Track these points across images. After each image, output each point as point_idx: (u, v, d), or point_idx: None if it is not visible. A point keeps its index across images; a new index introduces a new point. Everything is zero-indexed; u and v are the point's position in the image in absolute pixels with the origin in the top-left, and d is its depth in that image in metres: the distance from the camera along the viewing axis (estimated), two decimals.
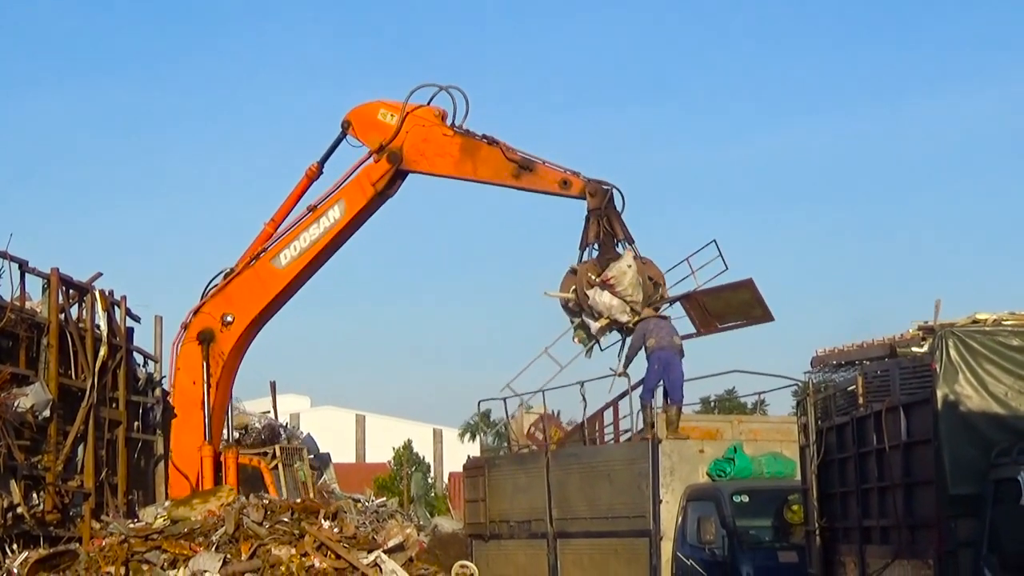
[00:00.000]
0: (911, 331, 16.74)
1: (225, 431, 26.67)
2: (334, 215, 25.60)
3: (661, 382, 23.81)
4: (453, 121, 25.58)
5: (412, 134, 25.65)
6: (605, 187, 25.29)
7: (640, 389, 24.30)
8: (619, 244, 25.30)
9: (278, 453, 29.02)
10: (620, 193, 25.42)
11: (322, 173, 25.99)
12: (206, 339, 25.29)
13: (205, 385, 25.22)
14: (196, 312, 25.62)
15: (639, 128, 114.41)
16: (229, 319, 25.43)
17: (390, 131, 25.56)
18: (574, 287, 25.03)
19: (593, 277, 24.72)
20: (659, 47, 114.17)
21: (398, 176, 25.99)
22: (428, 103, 25.71)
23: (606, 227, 25.21)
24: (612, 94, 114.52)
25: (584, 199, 25.27)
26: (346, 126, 25.90)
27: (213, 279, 25.83)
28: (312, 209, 25.68)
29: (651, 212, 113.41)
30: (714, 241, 24.86)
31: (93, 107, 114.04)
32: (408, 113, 25.62)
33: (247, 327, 25.80)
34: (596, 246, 25.26)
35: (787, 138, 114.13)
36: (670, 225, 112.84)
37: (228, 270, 25.81)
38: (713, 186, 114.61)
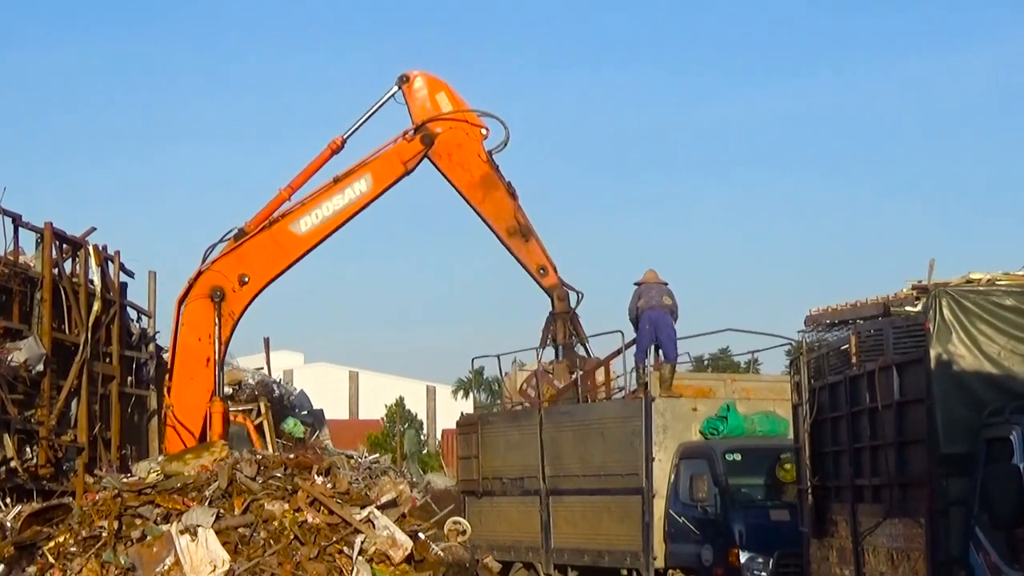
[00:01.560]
0: (905, 290, 16.70)
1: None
2: (360, 188, 25.82)
3: (654, 342, 23.88)
4: (491, 153, 26.37)
5: (453, 131, 26.25)
6: (574, 291, 26.75)
7: (635, 349, 24.40)
8: (579, 346, 26.83)
9: (263, 409, 28.98)
10: (580, 296, 26.83)
11: (343, 148, 26.11)
12: (218, 297, 25.23)
13: (217, 342, 25.19)
14: (205, 269, 25.48)
15: (630, 88, 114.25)
16: (246, 279, 25.45)
17: (436, 115, 26.12)
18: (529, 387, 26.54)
19: (558, 384, 26.18)
20: (640, 6, 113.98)
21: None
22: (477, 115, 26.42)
23: (571, 330, 26.61)
24: (591, 53, 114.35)
25: (550, 295, 26.60)
26: (403, 81, 26.23)
27: (224, 237, 25.70)
28: (337, 180, 25.79)
29: (635, 174, 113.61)
30: None
31: (87, 61, 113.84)
32: (462, 111, 26.24)
33: (260, 289, 25.85)
34: (559, 347, 26.71)
35: (778, 98, 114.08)
36: (661, 187, 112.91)
37: (237, 230, 25.68)
38: (712, 147, 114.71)
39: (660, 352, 23.87)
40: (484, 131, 26.42)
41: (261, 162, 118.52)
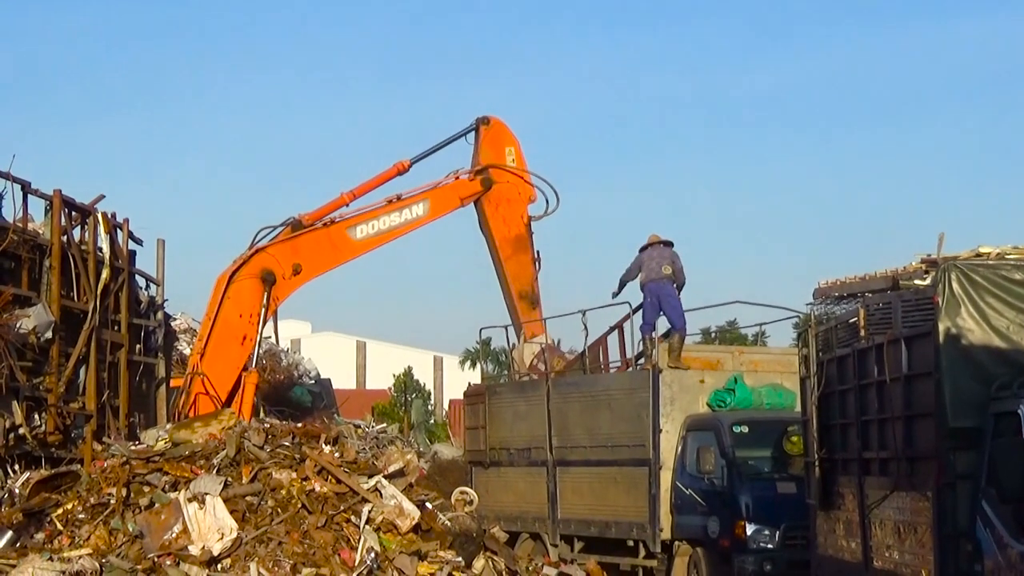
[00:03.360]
0: (914, 264, 16.71)
1: None
2: (417, 211, 27.29)
3: (660, 314, 23.90)
4: (532, 218, 27.82)
5: (509, 186, 27.88)
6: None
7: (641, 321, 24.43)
8: None
9: None
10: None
11: (408, 171, 27.51)
12: (268, 280, 26.16)
13: (261, 321, 26.30)
14: (258, 251, 26.40)
15: (634, 58, 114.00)
16: (299, 269, 26.50)
17: (500, 165, 27.71)
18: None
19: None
20: None
21: None
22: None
23: None
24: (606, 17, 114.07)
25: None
26: (482, 123, 27.81)
27: (281, 224, 26.73)
28: (398, 198, 27.12)
29: (641, 146, 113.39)
30: None
31: (97, 25, 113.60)
32: (523, 171, 27.86)
33: (307, 280, 26.93)
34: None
35: (785, 68, 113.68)
36: (668, 159, 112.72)
37: (293, 220, 26.70)
38: (719, 119, 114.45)
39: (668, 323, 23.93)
40: (533, 197, 27.90)
41: (272, 134, 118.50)
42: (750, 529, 21.16)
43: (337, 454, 18.05)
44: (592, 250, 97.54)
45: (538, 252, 28.14)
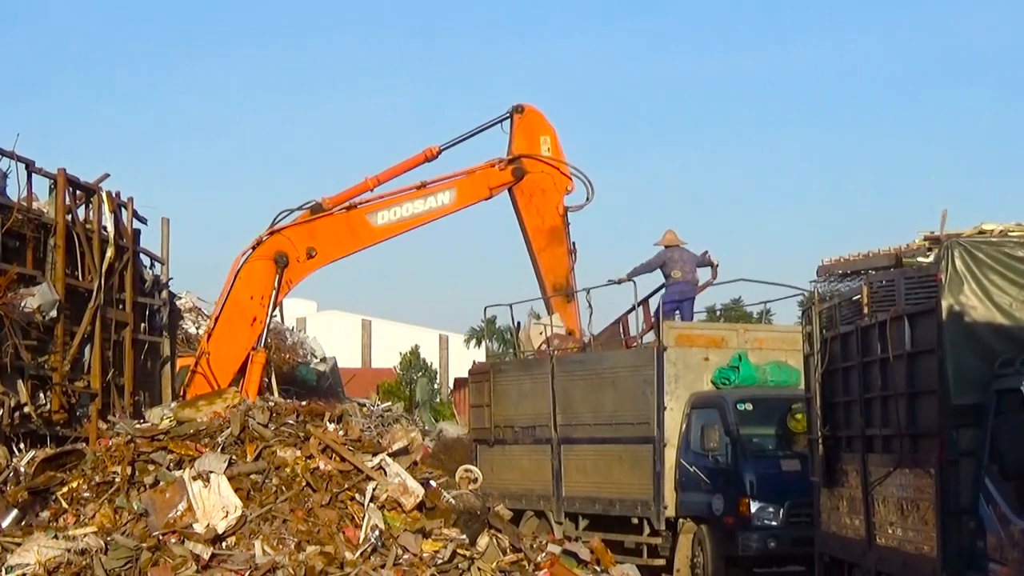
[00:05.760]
0: (917, 241, 16.72)
1: None
2: (443, 199, 26.74)
3: (676, 312, 24.13)
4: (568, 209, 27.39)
5: (543, 176, 27.26)
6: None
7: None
8: None
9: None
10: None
11: (437, 158, 27.05)
12: (282, 263, 25.97)
13: (272, 304, 26.14)
14: (275, 232, 26.26)
15: (635, 43, 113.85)
16: (313, 253, 26.22)
17: (534, 153, 27.14)
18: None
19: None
20: None
21: None
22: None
23: None
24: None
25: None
26: (516, 111, 27.24)
27: (301, 206, 26.51)
28: (424, 185, 26.57)
29: (644, 128, 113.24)
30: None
31: (102, 5, 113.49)
32: (558, 160, 27.19)
33: (323, 265, 26.69)
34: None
35: (789, 49, 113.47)
36: (672, 140, 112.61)
37: (314, 203, 26.45)
38: (716, 94, 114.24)
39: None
40: (569, 187, 27.33)
41: (274, 113, 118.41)
42: (754, 506, 21.20)
43: (341, 432, 18.04)
44: (594, 231, 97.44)
45: (574, 244, 27.70)
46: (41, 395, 20.29)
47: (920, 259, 16.19)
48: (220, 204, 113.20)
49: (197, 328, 34.39)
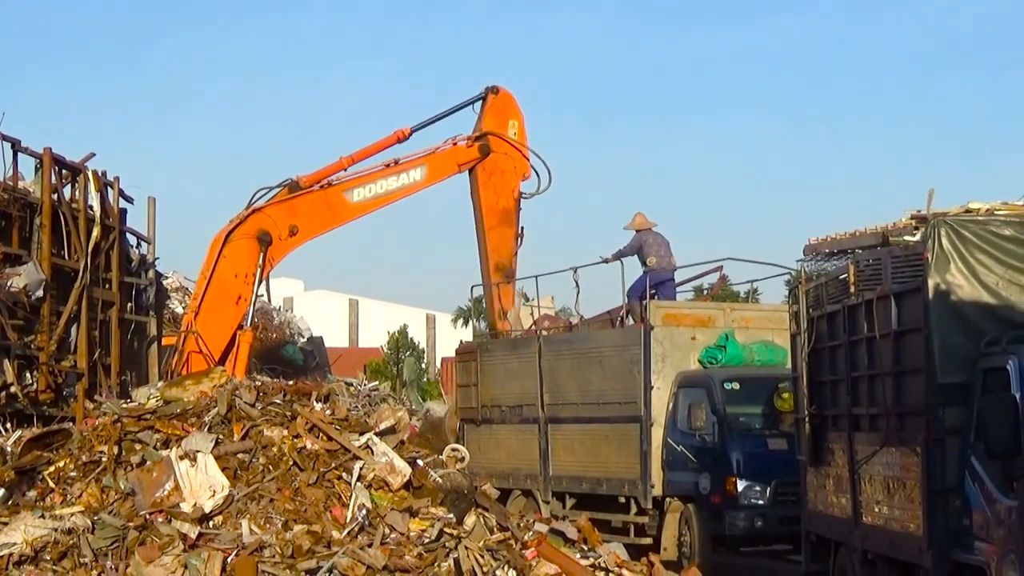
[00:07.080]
0: (904, 220, 16.65)
1: None
2: (414, 176, 27.46)
3: (654, 295, 24.12)
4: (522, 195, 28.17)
5: (506, 158, 28.05)
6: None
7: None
8: None
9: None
10: None
11: (409, 139, 27.56)
12: (264, 241, 26.33)
13: (257, 281, 26.47)
14: (255, 211, 26.55)
15: (615, 23, 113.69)
16: (295, 230, 26.69)
17: (500, 134, 27.82)
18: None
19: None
20: None
21: None
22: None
23: None
24: None
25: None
26: (491, 92, 27.91)
27: (278, 185, 26.82)
28: (396, 162, 27.27)
29: (626, 110, 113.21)
30: None
31: None
32: (523, 146, 28.05)
33: (303, 242, 27.18)
34: None
35: (775, 27, 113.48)
36: (654, 120, 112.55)
37: (291, 181, 26.79)
38: (699, 73, 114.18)
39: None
40: (527, 174, 28.14)
41: (260, 93, 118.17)
42: (741, 485, 21.26)
43: (328, 411, 18.02)
44: (569, 210, 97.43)
45: (522, 228, 28.41)
46: (27, 375, 20.27)
47: (907, 238, 16.12)
48: (206, 184, 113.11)
49: (184, 308, 34.35)
